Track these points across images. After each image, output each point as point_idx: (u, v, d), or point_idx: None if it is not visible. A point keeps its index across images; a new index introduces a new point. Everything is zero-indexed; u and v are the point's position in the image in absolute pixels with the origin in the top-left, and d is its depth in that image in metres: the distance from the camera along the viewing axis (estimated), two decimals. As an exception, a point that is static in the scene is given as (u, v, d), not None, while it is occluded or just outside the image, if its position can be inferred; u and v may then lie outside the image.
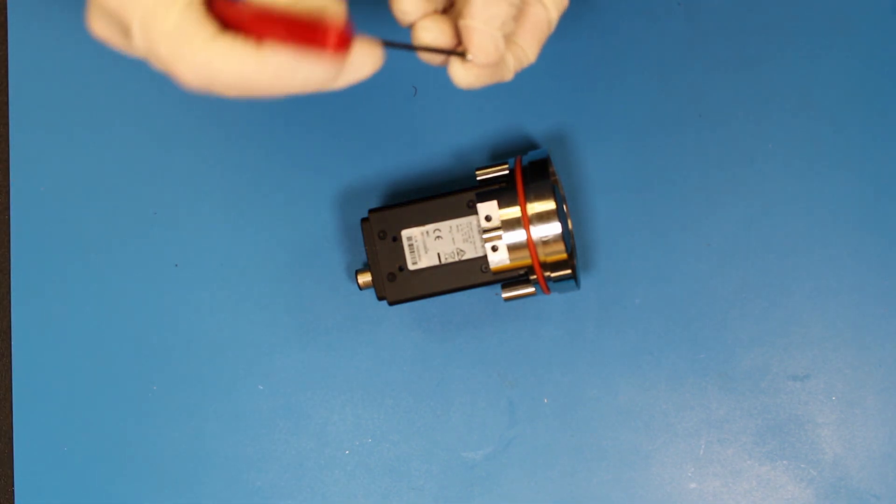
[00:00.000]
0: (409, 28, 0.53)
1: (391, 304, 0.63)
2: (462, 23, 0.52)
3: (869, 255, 0.66)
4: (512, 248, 0.61)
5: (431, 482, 0.67)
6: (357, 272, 0.65)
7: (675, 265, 0.67)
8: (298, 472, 0.67)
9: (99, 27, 0.51)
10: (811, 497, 0.66)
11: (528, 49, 0.55)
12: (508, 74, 0.55)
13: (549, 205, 0.61)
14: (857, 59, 0.67)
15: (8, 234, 0.69)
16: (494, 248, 0.61)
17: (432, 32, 0.53)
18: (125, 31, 0.49)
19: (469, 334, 0.67)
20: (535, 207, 0.61)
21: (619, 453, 0.66)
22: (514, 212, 0.61)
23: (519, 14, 0.54)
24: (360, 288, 0.65)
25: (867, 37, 0.67)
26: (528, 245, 0.61)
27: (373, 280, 0.64)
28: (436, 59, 0.54)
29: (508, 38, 0.54)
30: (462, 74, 0.54)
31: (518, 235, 0.61)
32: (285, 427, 0.67)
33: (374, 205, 0.68)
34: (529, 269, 0.62)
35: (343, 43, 0.47)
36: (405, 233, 0.63)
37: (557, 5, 0.55)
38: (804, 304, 0.66)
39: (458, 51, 0.53)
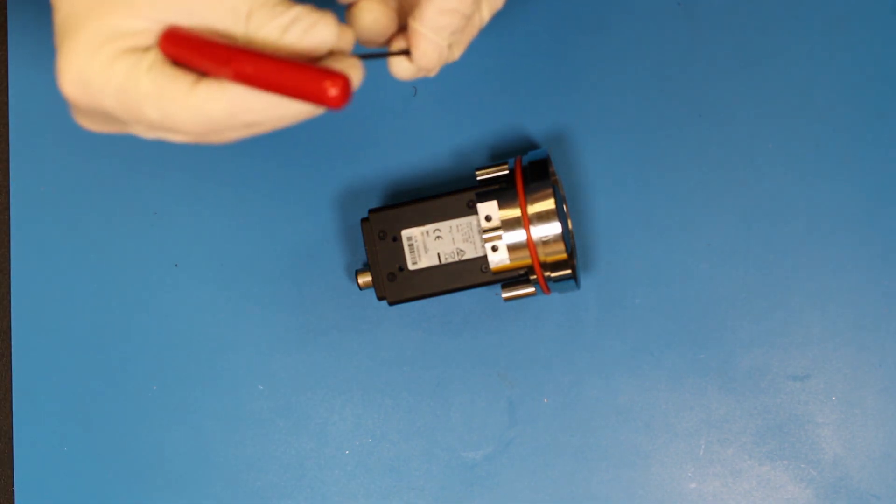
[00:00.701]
0: (346, 6, 0.52)
1: (391, 304, 0.63)
2: (412, 25, 0.52)
3: (869, 256, 0.66)
4: (512, 248, 0.61)
5: (431, 482, 0.67)
6: (357, 272, 0.65)
7: (675, 265, 0.67)
8: (298, 472, 0.67)
9: (86, 122, 0.52)
10: (811, 497, 0.66)
11: (456, 50, 0.56)
12: (434, 71, 0.55)
13: (549, 205, 0.61)
14: (857, 59, 0.67)
15: (8, 234, 0.69)
16: (494, 248, 0.61)
17: (372, 14, 0.52)
18: (108, 115, 0.49)
19: (469, 334, 0.67)
20: (535, 207, 0.61)
21: (619, 453, 0.66)
22: (514, 212, 0.61)
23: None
24: (360, 288, 0.65)
25: (867, 37, 0.67)
26: (528, 245, 0.61)
27: (373, 280, 0.63)
28: (374, 42, 0.54)
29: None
30: (401, 69, 0.54)
31: (518, 235, 0.61)
32: (285, 427, 0.67)
33: (374, 205, 0.68)
34: (529, 269, 0.62)
35: (345, 95, 0.45)
36: (405, 233, 0.63)
37: (491, 7, 0.55)
38: (804, 304, 0.66)
39: (402, 51, 0.53)
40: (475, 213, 0.62)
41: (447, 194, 0.63)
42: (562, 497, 0.66)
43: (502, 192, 0.62)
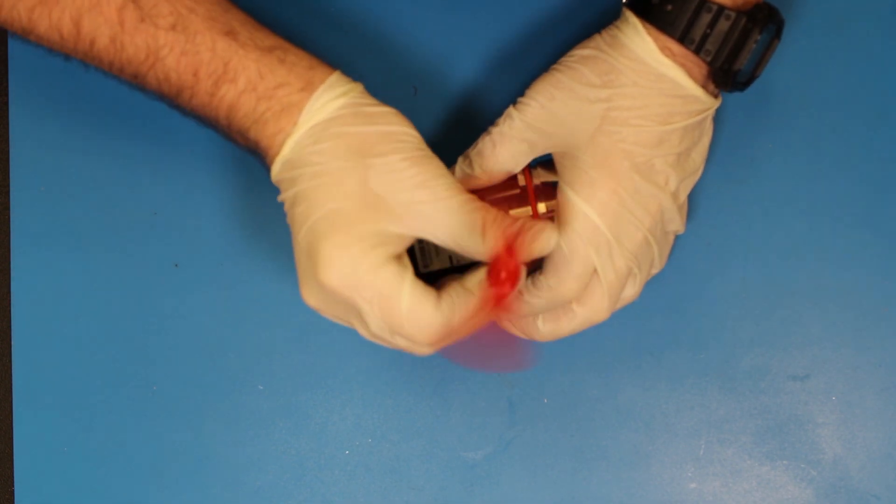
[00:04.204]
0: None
1: None
2: (572, 305, 0.59)
3: (869, 255, 0.66)
4: None
5: (431, 482, 0.67)
6: None
7: (675, 265, 0.67)
8: (298, 472, 0.67)
9: (317, 302, 0.56)
10: (811, 497, 0.66)
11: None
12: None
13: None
14: (857, 59, 0.67)
15: (8, 234, 0.69)
16: None
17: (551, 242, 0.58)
18: (354, 312, 0.54)
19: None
20: (546, 211, 0.61)
21: (619, 453, 0.66)
22: (525, 216, 0.61)
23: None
24: None
25: (867, 37, 0.67)
26: (534, 215, 0.61)
27: None
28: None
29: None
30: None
31: None
32: (285, 427, 0.67)
33: (374, 205, 0.68)
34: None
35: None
36: None
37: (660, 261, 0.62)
38: (804, 304, 0.66)
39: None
40: None
41: None
42: (562, 497, 0.66)
43: (514, 197, 0.61)
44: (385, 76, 0.68)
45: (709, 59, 0.56)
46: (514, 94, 0.67)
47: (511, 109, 0.59)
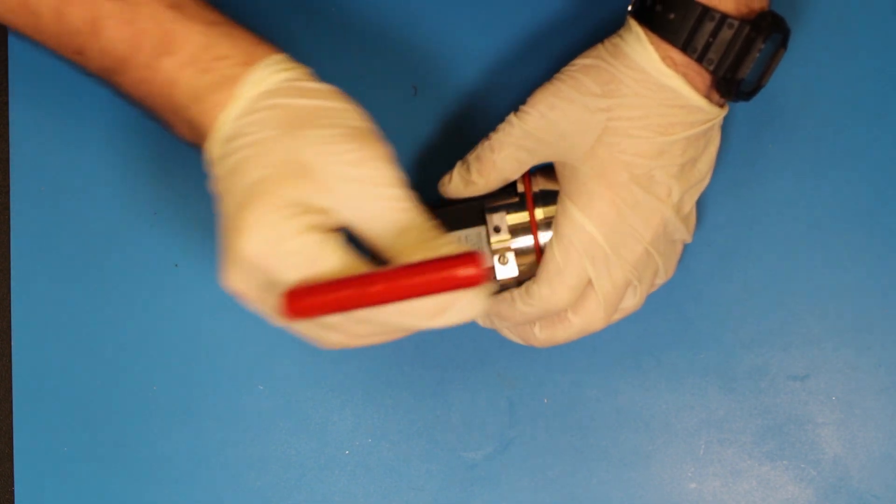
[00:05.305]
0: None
1: None
2: (567, 314, 0.59)
3: (869, 255, 0.66)
4: (521, 261, 0.61)
5: (431, 482, 0.67)
6: None
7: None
8: (298, 473, 0.67)
9: (239, 281, 0.51)
10: (811, 497, 0.66)
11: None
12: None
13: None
14: (857, 59, 0.67)
15: (8, 234, 0.69)
16: (503, 260, 0.61)
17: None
18: (275, 284, 0.50)
19: (469, 334, 0.67)
20: (545, 217, 0.60)
21: (619, 453, 0.66)
22: (522, 222, 0.61)
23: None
24: None
25: (867, 37, 0.67)
26: (538, 259, 0.60)
27: None
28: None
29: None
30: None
31: (527, 250, 0.61)
32: (285, 427, 0.67)
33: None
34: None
35: (481, 272, 0.47)
36: None
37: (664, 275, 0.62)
38: (804, 304, 0.66)
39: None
40: (484, 223, 0.61)
41: (457, 202, 0.62)
42: (562, 497, 0.66)
43: (512, 204, 0.61)
44: (385, 76, 0.68)
45: (712, 68, 0.56)
46: (514, 95, 0.67)
47: (512, 117, 0.59)
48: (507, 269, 0.61)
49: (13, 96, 0.69)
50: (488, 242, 0.61)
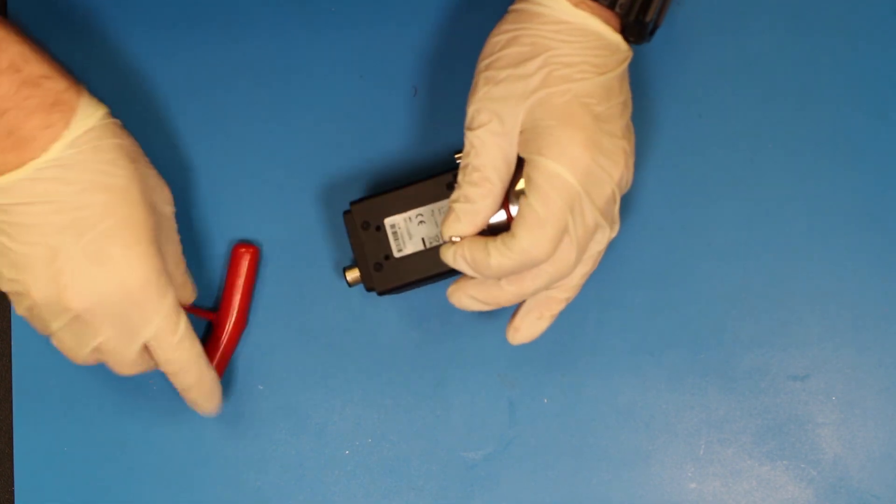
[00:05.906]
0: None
1: (380, 294, 0.63)
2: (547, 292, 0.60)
3: (869, 255, 0.66)
4: (493, 224, 0.60)
5: (431, 482, 0.67)
6: (345, 269, 0.65)
7: (676, 265, 0.67)
8: (298, 472, 0.67)
9: (89, 302, 0.58)
10: (811, 497, 0.66)
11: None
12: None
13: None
14: (857, 59, 0.67)
15: (8, 234, 0.69)
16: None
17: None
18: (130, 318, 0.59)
19: (469, 334, 0.67)
20: (515, 184, 0.60)
21: (619, 453, 0.66)
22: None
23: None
24: (350, 285, 0.64)
25: (867, 37, 0.67)
26: (508, 220, 0.60)
27: (360, 272, 0.63)
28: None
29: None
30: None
31: (499, 215, 0.60)
32: (285, 427, 0.67)
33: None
34: None
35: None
36: (388, 221, 0.63)
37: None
38: (804, 304, 0.66)
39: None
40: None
41: (426, 178, 0.63)
42: (562, 497, 0.66)
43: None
44: (385, 76, 0.68)
45: (622, 13, 0.58)
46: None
47: (467, 163, 0.59)
48: None
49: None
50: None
